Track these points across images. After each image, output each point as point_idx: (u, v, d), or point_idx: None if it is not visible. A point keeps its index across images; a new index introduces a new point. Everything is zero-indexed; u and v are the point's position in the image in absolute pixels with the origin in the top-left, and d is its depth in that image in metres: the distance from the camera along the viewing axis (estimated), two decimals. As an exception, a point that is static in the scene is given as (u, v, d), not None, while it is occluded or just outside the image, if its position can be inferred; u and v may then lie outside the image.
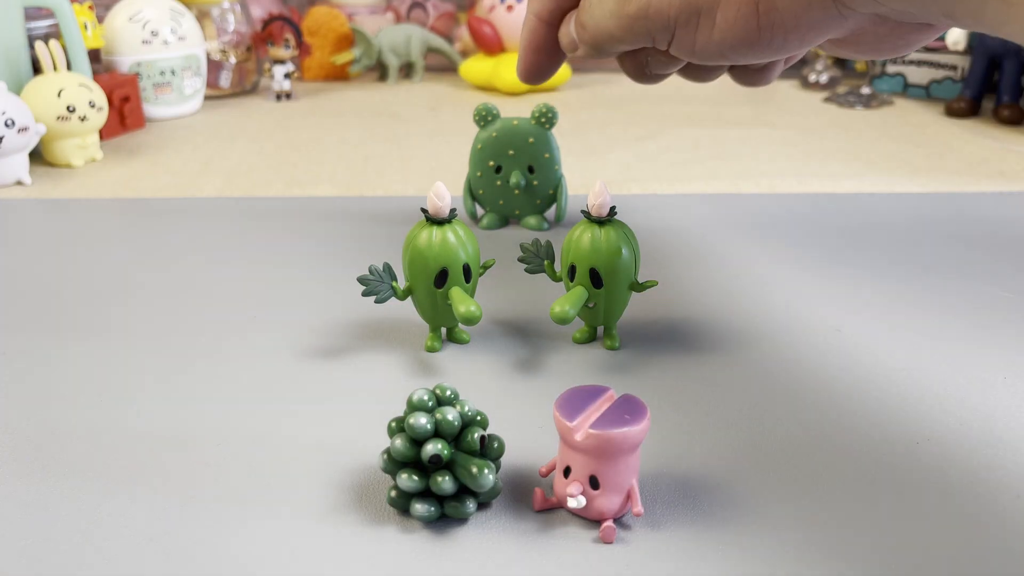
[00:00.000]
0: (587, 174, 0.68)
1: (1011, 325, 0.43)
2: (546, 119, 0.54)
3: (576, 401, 0.29)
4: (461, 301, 0.37)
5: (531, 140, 0.54)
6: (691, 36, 0.28)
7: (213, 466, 0.32)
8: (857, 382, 0.38)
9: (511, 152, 0.54)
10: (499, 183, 0.55)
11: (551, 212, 0.57)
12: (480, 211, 0.58)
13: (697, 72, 0.33)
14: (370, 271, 0.39)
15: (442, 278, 0.38)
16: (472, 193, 0.56)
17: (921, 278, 0.49)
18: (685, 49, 0.29)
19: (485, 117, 0.54)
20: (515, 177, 0.54)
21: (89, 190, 0.64)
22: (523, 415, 0.35)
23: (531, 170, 0.55)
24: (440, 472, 0.28)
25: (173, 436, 0.34)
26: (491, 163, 0.55)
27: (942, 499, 0.30)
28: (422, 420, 0.28)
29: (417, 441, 0.29)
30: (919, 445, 0.33)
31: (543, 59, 0.35)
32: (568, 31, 0.33)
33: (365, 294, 0.39)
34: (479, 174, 0.55)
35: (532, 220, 0.56)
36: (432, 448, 0.28)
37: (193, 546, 0.28)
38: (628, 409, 0.29)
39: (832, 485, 0.31)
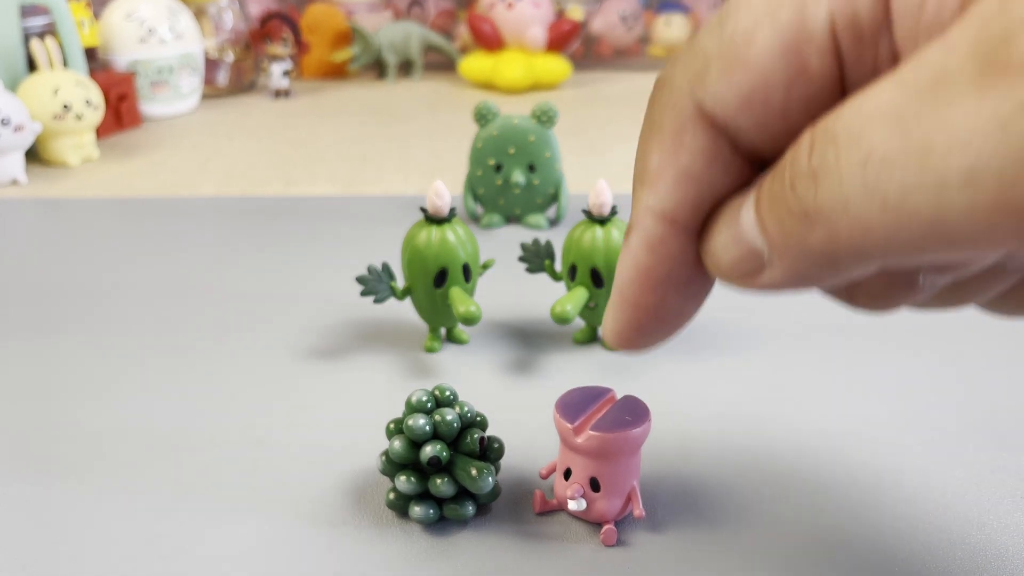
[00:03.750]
0: (588, 173, 0.67)
1: (1015, 325, 0.43)
2: (547, 117, 0.53)
3: (577, 402, 0.29)
4: (461, 301, 0.37)
5: (531, 138, 0.54)
6: None
7: (210, 467, 0.32)
8: (859, 382, 0.38)
9: (511, 151, 0.54)
10: (499, 182, 0.55)
11: (552, 211, 0.57)
12: (480, 210, 0.57)
13: (964, 295, 0.18)
14: (368, 271, 0.39)
15: (441, 278, 0.38)
16: (472, 192, 0.56)
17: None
18: None
19: (485, 115, 0.54)
20: (516, 176, 0.53)
21: (85, 189, 0.64)
22: (523, 416, 0.35)
23: (532, 169, 0.54)
24: (439, 474, 0.28)
25: (170, 437, 0.34)
26: (491, 161, 0.54)
27: (945, 501, 0.30)
28: (421, 421, 0.28)
29: (416, 443, 0.28)
30: (920, 446, 0.33)
31: (669, 300, 0.17)
32: (743, 233, 0.15)
33: (364, 294, 0.39)
34: (479, 173, 0.55)
35: (533, 219, 0.56)
36: (431, 450, 0.28)
37: (189, 548, 0.28)
38: (629, 410, 0.29)
39: (835, 486, 0.31)
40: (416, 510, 0.28)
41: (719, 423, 0.35)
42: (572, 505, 0.28)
